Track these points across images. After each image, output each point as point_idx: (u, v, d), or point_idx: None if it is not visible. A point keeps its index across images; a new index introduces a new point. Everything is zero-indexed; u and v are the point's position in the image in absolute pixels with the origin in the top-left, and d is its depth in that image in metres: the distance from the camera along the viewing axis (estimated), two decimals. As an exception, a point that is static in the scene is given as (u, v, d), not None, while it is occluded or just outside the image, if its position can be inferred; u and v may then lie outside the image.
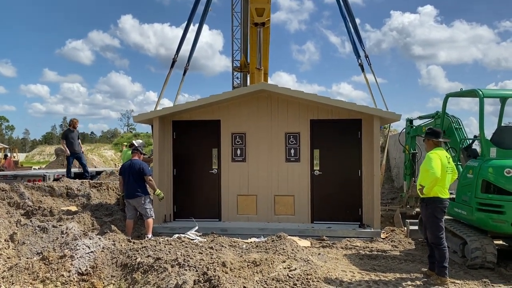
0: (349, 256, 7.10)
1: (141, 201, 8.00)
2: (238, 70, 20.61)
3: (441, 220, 5.59)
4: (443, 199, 5.54)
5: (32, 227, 7.33)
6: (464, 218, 6.80)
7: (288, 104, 9.33)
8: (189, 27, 12.30)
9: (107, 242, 6.45)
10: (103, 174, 13.65)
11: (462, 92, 7.22)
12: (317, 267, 5.76)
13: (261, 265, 5.62)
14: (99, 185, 10.94)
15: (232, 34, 20.73)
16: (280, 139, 9.34)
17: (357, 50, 11.69)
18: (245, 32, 17.21)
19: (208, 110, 9.47)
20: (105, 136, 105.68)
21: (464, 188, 6.71)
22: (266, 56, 14.70)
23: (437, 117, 8.80)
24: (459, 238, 6.73)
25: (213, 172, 9.49)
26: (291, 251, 6.28)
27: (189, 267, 5.33)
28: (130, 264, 5.78)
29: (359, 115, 9.01)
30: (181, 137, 9.59)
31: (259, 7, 11.77)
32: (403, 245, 7.97)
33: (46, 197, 9.81)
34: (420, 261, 6.74)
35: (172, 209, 9.60)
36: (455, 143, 7.90)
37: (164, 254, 5.88)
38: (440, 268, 5.50)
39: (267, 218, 9.30)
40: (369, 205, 8.95)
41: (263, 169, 9.36)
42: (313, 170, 9.24)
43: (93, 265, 5.80)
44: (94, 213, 9.13)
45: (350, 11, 11.53)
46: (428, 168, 5.39)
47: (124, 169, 8.21)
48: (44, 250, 6.66)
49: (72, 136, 11.88)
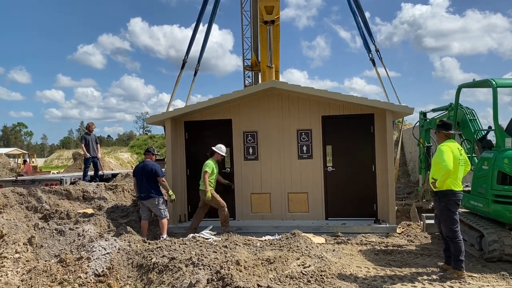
0: (364, 252, 7.05)
1: (154, 202, 8.06)
2: (249, 69, 20.58)
3: (455, 213, 5.51)
4: (456, 191, 5.45)
5: (49, 230, 7.45)
6: (480, 210, 6.68)
7: (299, 101, 9.29)
8: (198, 27, 12.34)
9: (122, 243, 6.52)
10: (118, 176, 13.79)
11: (475, 82, 7.09)
12: (331, 264, 5.73)
13: (275, 262, 5.62)
14: (115, 187, 11.06)
15: (242, 33, 20.69)
16: (292, 136, 9.31)
17: (367, 44, 11.57)
18: (255, 30, 17.17)
19: (219, 109, 9.49)
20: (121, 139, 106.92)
21: (480, 180, 6.60)
22: (277, 53, 14.68)
23: (450, 109, 8.66)
24: (476, 231, 6.62)
25: (226, 171, 9.51)
26: (305, 248, 6.26)
27: (203, 266, 5.35)
28: (145, 264, 5.83)
29: (371, 109, 8.92)
30: (193, 138, 9.64)
31: (268, 5, 11.73)
32: (419, 239, 7.87)
33: (63, 201, 9.96)
34: (437, 255, 6.65)
35: (187, 209, 9.65)
36: (469, 134, 7.76)
37: (179, 254, 5.92)
38: (456, 261, 5.42)
39: (281, 216, 9.29)
40: (384, 200, 8.86)
41: (275, 167, 9.35)
42: (326, 167, 9.19)
43: (110, 266, 5.87)
44: (109, 215, 9.25)
45: (359, 6, 11.41)
46: (440, 160, 5.31)
47: (137, 171, 8.28)
48: (61, 253, 6.76)
49: (88, 139, 12.07)
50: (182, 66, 12.00)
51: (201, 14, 12.18)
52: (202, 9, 12.13)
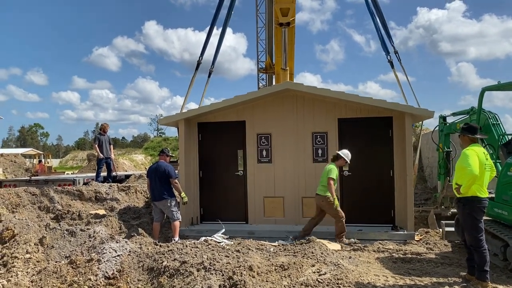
0: (381, 259, 6.80)
1: (167, 204, 7.94)
2: (263, 72, 20.48)
3: (480, 221, 5.24)
4: (481, 198, 5.18)
5: (60, 231, 7.37)
6: (505, 218, 6.39)
7: (314, 103, 9.09)
8: (212, 31, 12.22)
9: (133, 245, 6.41)
10: (131, 177, 13.74)
11: (500, 85, 6.81)
12: (348, 271, 5.51)
13: (289, 269, 5.43)
14: (127, 189, 10.97)
15: (257, 35, 20.65)
16: (307, 139, 9.11)
17: (385, 46, 11.30)
18: (270, 33, 17.06)
19: (233, 111, 9.34)
20: (135, 141, 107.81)
21: (505, 187, 6.31)
22: (292, 56, 14.52)
23: (472, 113, 8.39)
24: (500, 240, 6.33)
25: (239, 174, 9.35)
26: (320, 255, 6.07)
27: (215, 271, 5.20)
28: (156, 267, 5.70)
29: (389, 112, 8.67)
30: (207, 139, 9.51)
31: (283, 7, 11.60)
32: (438, 247, 7.60)
33: (75, 201, 9.90)
34: (458, 265, 6.38)
35: (199, 211, 9.52)
36: (492, 140, 7.48)
37: (190, 258, 5.78)
38: (481, 272, 5.15)
39: (295, 221, 9.07)
40: (402, 206, 8.59)
41: (289, 170, 9.15)
42: (342, 171, 8.95)
43: (120, 269, 5.76)
44: (121, 216, 9.16)
45: (377, 6, 11.16)
46: (465, 165, 5.05)
47: (151, 172, 8.18)
48: (72, 254, 6.67)
49: (102, 140, 12.02)
50: (196, 67, 11.89)
51: (215, 18, 12.06)
52: (216, 12, 12.02)
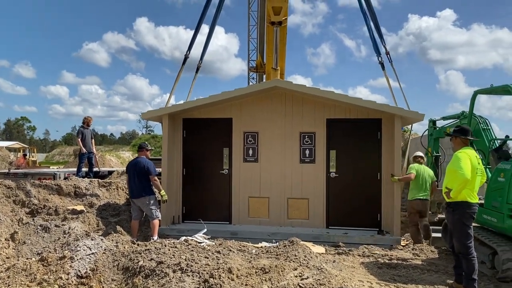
0: (366, 264, 6.60)
1: (145, 201, 7.66)
2: (254, 71, 20.27)
3: (470, 227, 5.06)
4: (472, 203, 5.00)
5: (34, 226, 7.08)
6: (493, 225, 6.23)
7: (303, 102, 8.88)
8: (200, 28, 11.97)
9: (109, 243, 6.14)
10: (114, 173, 13.41)
11: (492, 88, 6.65)
12: (331, 276, 5.28)
13: (270, 272, 5.18)
14: (109, 185, 10.67)
15: (249, 34, 20.39)
16: (294, 139, 8.89)
17: (377, 47, 11.16)
18: (262, 31, 16.85)
19: (220, 107, 9.09)
20: (123, 137, 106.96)
21: (494, 193, 6.15)
22: (283, 56, 14.31)
23: (462, 118, 8.25)
24: (488, 248, 6.16)
25: (224, 172, 9.09)
26: (303, 258, 5.83)
27: (192, 273, 4.93)
28: (132, 267, 5.43)
29: (379, 114, 8.50)
30: (191, 136, 9.23)
31: (276, 6, 11.36)
32: (425, 253, 7.43)
33: (53, 196, 9.56)
34: (445, 272, 6.20)
35: (181, 210, 9.23)
36: (483, 145, 7.34)
37: (168, 258, 5.50)
38: (469, 280, 4.96)
39: (280, 222, 8.85)
40: (389, 211, 8.43)
41: (276, 170, 8.92)
42: (329, 172, 8.76)
43: (93, 268, 5.48)
44: (100, 213, 8.85)
45: (370, 7, 11.02)
46: (457, 168, 4.86)
47: (129, 167, 7.89)
48: (44, 251, 6.39)
49: (85, 134, 11.66)
50: (183, 62, 11.63)
51: (203, 15, 11.81)
52: (205, 10, 11.77)
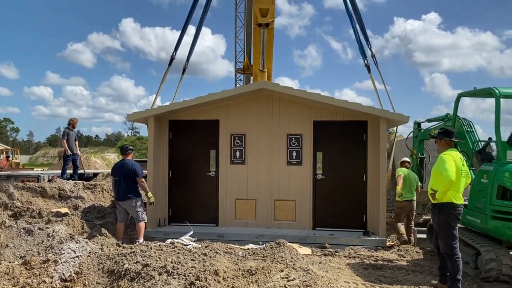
0: (352, 265, 6.64)
1: (132, 204, 7.59)
2: (241, 72, 20.23)
3: (455, 228, 5.12)
4: (457, 204, 5.07)
5: (17, 229, 6.95)
6: (477, 226, 6.32)
7: (290, 105, 8.90)
8: (186, 28, 11.91)
9: (94, 246, 6.06)
10: (99, 175, 13.25)
11: (476, 91, 6.75)
12: (317, 278, 5.29)
13: (257, 274, 5.17)
14: (94, 187, 10.52)
15: (235, 35, 20.38)
16: (281, 141, 8.90)
17: (363, 50, 11.25)
18: (249, 33, 16.85)
19: (207, 109, 9.05)
20: (109, 139, 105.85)
21: (478, 194, 6.24)
22: (270, 58, 14.32)
23: (447, 120, 8.36)
24: (471, 248, 6.25)
25: (211, 174, 9.06)
26: (290, 260, 5.84)
27: (178, 275, 4.90)
28: (117, 270, 5.37)
29: (364, 116, 8.56)
30: (178, 138, 9.17)
31: (263, 7, 11.37)
32: (410, 254, 7.50)
33: (37, 198, 9.39)
34: (429, 272, 6.27)
35: (167, 212, 9.16)
36: (466, 147, 7.45)
37: (154, 261, 5.46)
38: (453, 280, 5.02)
39: (267, 224, 8.85)
40: (374, 212, 8.50)
41: (263, 172, 8.92)
42: (316, 174, 8.79)
43: (78, 271, 5.41)
44: (85, 215, 8.74)
45: (356, 9, 11.10)
46: (442, 170, 4.92)
47: (115, 170, 7.80)
48: (27, 254, 6.28)
49: (70, 135, 11.51)
50: (169, 63, 11.56)
51: (190, 16, 11.76)
52: (191, 11, 11.73)
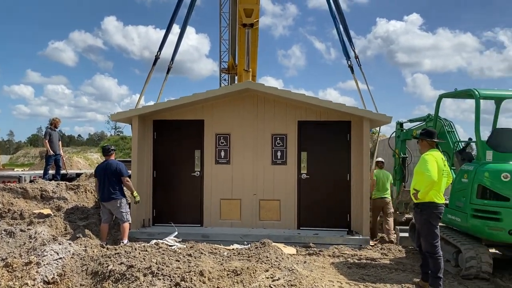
0: (336, 264, 6.71)
1: (116, 204, 7.53)
2: (225, 72, 20.24)
3: (436, 227, 5.22)
4: (438, 204, 5.17)
5: (-3, 231, 6.84)
6: (458, 225, 6.45)
7: (275, 105, 8.94)
8: (171, 28, 11.90)
9: (78, 247, 5.99)
10: (82, 176, 13.10)
11: (456, 92, 6.88)
12: (302, 277, 5.34)
13: (242, 274, 5.19)
14: (77, 187, 10.40)
15: (220, 35, 20.40)
16: (266, 140, 8.94)
17: (347, 51, 11.37)
18: (233, 33, 16.87)
19: (191, 109, 9.03)
20: (92, 139, 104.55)
21: (458, 194, 6.37)
22: (255, 58, 14.37)
23: (428, 120, 8.48)
24: (452, 247, 6.38)
25: (195, 174, 9.04)
26: (275, 259, 5.87)
27: (162, 276, 4.88)
28: (101, 272, 5.32)
29: (348, 116, 8.66)
30: (162, 138, 9.13)
31: (247, 8, 11.43)
32: (393, 253, 7.61)
33: (18, 199, 9.24)
34: (412, 271, 6.38)
35: (151, 213, 9.11)
36: (447, 147, 7.58)
37: (138, 262, 5.42)
38: (435, 278, 5.12)
39: (252, 224, 8.88)
40: (358, 211, 8.59)
41: (248, 172, 8.95)
42: (300, 174, 8.86)
43: (61, 273, 5.34)
44: (68, 216, 8.64)
45: (340, 11, 11.22)
46: (424, 170, 5.01)
47: (99, 170, 7.73)
48: (9, 256, 6.18)
49: (53, 135, 11.35)
50: (154, 63, 11.52)
51: (174, 15, 11.72)
52: (176, 10, 11.69)
